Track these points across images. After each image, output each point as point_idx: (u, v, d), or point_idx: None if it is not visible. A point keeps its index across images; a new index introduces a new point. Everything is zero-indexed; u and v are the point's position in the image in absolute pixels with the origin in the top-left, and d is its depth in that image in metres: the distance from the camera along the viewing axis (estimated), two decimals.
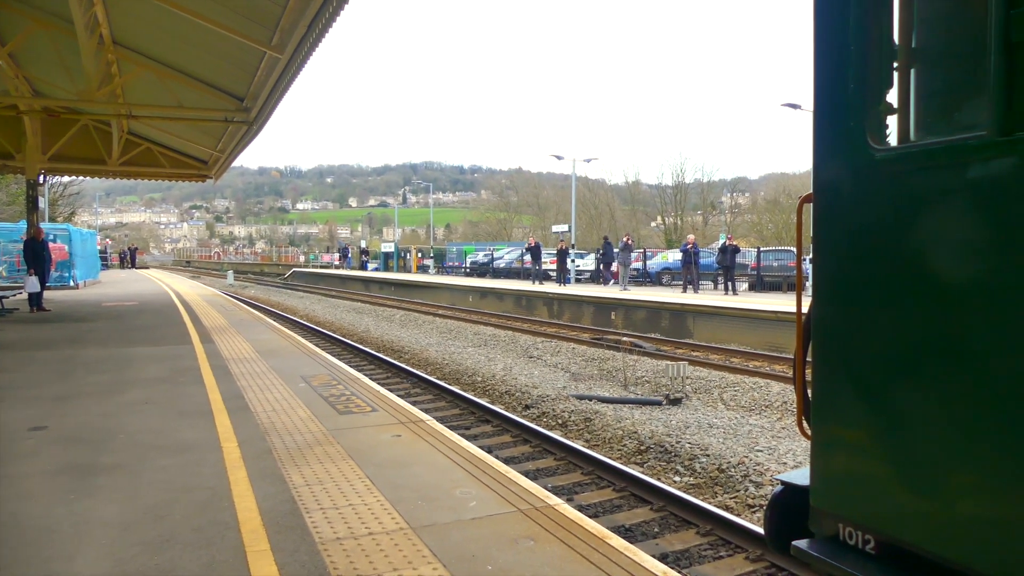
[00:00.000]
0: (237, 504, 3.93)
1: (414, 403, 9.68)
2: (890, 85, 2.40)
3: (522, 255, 36.72)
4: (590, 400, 10.08)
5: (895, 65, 2.41)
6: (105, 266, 47.35)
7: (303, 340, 11.84)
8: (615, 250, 28.05)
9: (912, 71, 2.43)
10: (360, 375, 8.27)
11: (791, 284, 25.20)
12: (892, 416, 2.28)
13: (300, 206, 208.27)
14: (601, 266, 31.18)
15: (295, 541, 3.43)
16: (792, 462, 6.99)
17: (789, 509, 2.85)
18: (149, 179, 25.63)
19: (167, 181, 26.93)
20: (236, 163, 24.97)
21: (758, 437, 8.01)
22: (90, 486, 4.26)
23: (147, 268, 64.05)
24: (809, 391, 2.68)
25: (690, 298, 20.53)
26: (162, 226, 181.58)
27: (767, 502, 2.99)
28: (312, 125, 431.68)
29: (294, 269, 62.81)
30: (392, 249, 55.33)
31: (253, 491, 4.14)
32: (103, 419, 5.97)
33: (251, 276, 63.76)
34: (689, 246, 24.29)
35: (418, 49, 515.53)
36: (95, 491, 4.17)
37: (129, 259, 58.42)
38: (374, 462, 4.71)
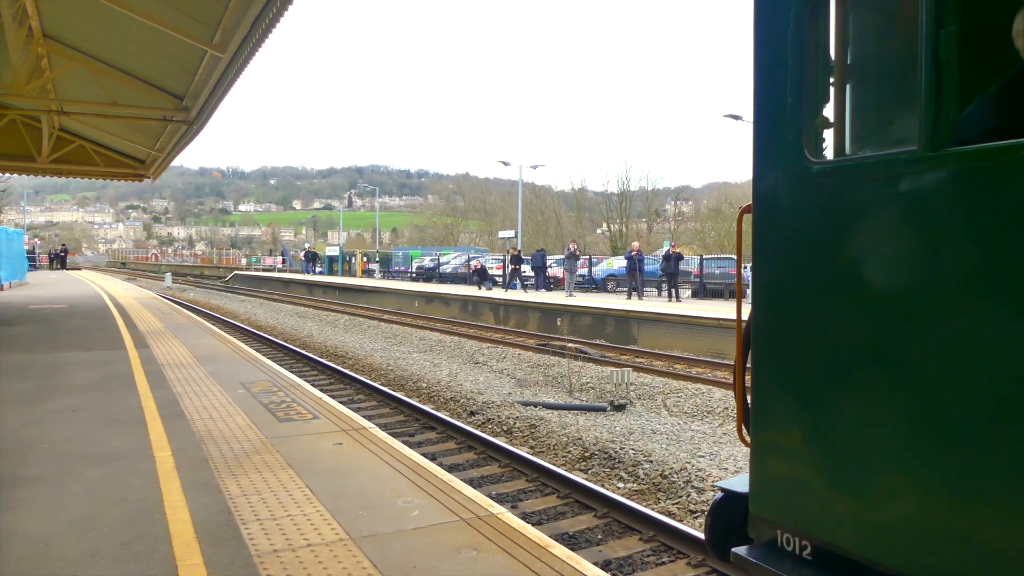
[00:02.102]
0: (169, 516, 3.78)
1: (357, 410, 9.52)
2: (826, 100, 2.45)
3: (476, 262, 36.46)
4: (535, 406, 10.09)
5: (831, 80, 2.47)
6: (33, 267, 45.39)
7: (243, 345, 11.55)
8: (548, 258, 28.20)
9: (847, 86, 2.50)
10: (302, 381, 8.10)
11: (733, 291, 25.79)
12: (827, 423, 2.32)
13: (242, 208, 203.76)
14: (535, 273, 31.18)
15: (230, 554, 3.32)
16: (733, 467, 7.12)
17: (729, 516, 2.89)
18: (82, 177, 24.62)
19: (102, 180, 25.93)
20: (176, 163, 24.27)
21: (700, 443, 8.14)
22: (9, 499, 4.05)
23: (79, 269, 61.63)
24: (749, 398, 2.72)
25: (635, 305, 20.79)
26: (96, 226, 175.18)
27: (708, 508, 3.02)
28: (256, 125, 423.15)
29: (236, 272, 61.30)
30: (337, 253, 54.56)
31: (187, 502, 4.00)
32: (25, 428, 5.69)
33: (190, 279, 61.97)
34: (634, 253, 24.62)
35: (365, 52, 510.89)
36: (15, 504, 3.96)
37: (58, 260, 55.92)
38: (314, 471, 4.61)
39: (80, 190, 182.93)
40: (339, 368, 13.20)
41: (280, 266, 61.71)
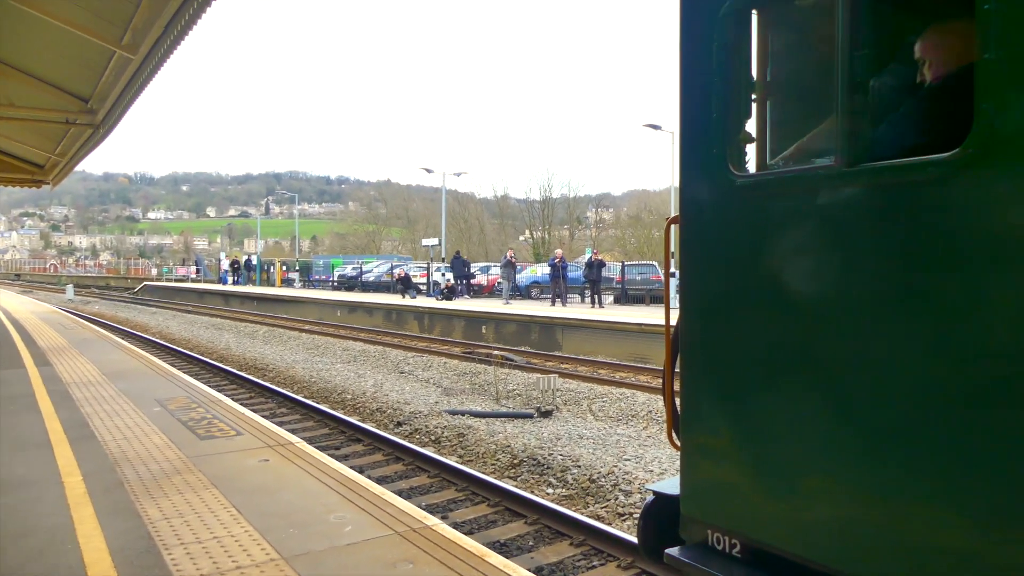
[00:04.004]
0: (83, 545, 3.58)
1: (280, 424, 9.26)
2: (749, 115, 2.56)
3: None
4: (463, 415, 10.06)
5: (753, 97, 2.58)
6: None
7: (157, 360, 11.07)
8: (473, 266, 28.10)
9: (769, 103, 2.62)
10: (222, 396, 7.83)
11: (654, 297, 26.42)
12: (752, 425, 2.42)
13: (152, 215, 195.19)
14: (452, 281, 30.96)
15: None
16: (658, 470, 7.29)
17: (661, 518, 2.96)
18: None
19: None
20: (77, 167, 23.01)
21: (626, 446, 8.30)
22: None
23: None
24: (678, 402, 2.80)
25: (559, 311, 21.03)
26: None
27: (639, 512, 3.09)
28: (166, 129, 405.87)
29: (146, 283, 58.68)
30: (255, 262, 52.96)
31: (102, 529, 3.80)
32: None
33: (95, 291, 58.91)
34: (557, 260, 24.91)
35: (283, 54, 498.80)
36: None
37: None
38: (240, 489, 4.46)
39: None
40: (260, 381, 12.81)
41: (194, 276, 59.34)
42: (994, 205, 1.79)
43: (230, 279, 49.63)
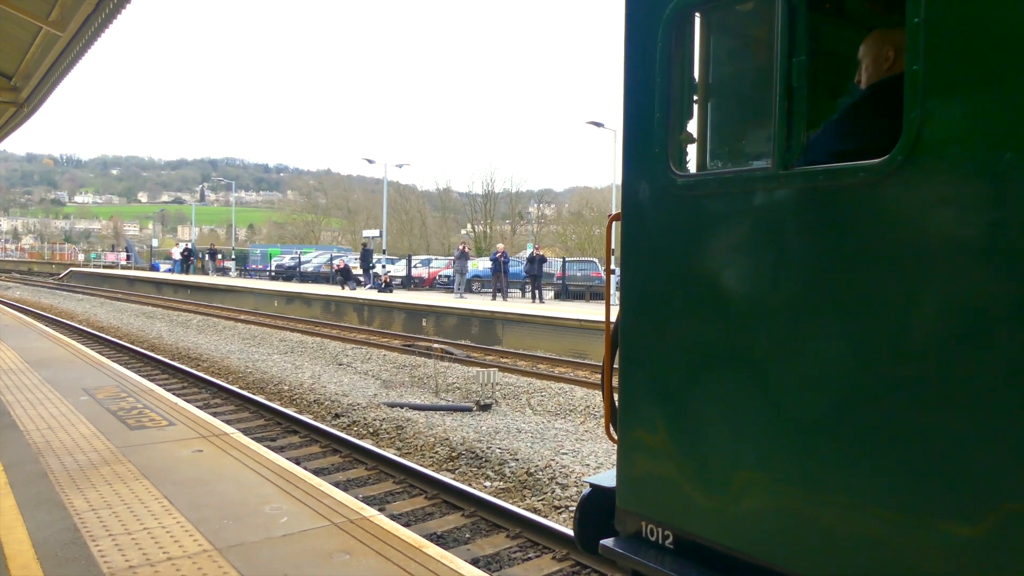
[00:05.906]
0: (4, 537, 3.45)
1: (215, 414, 9.04)
2: (690, 117, 2.64)
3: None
4: (402, 408, 10.02)
5: (695, 98, 2.66)
6: None
7: (84, 348, 10.66)
8: (414, 258, 27.96)
9: (709, 105, 2.70)
10: (154, 386, 7.60)
11: (594, 293, 26.75)
12: (686, 420, 2.50)
13: (79, 199, 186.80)
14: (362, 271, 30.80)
15: (78, 574, 3.08)
16: (595, 463, 7.41)
17: (597, 510, 3.02)
18: None
19: None
20: None
21: (563, 440, 8.40)
22: None
23: None
24: (616, 397, 2.86)
25: (499, 305, 21.10)
26: None
27: (576, 504, 3.14)
28: (95, 109, 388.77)
29: (72, 269, 56.28)
30: (218, 250, 51.34)
31: (24, 520, 3.66)
32: None
33: (16, 276, 56.21)
34: (499, 255, 24.98)
35: (222, 37, 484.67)
36: None
37: None
38: (172, 480, 4.35)
39: None
40: (193, 371, 12.46)
41: (124, 263, 57.22)
42: (919, 211, 1.90)
43: (162, 267, 47.99)
